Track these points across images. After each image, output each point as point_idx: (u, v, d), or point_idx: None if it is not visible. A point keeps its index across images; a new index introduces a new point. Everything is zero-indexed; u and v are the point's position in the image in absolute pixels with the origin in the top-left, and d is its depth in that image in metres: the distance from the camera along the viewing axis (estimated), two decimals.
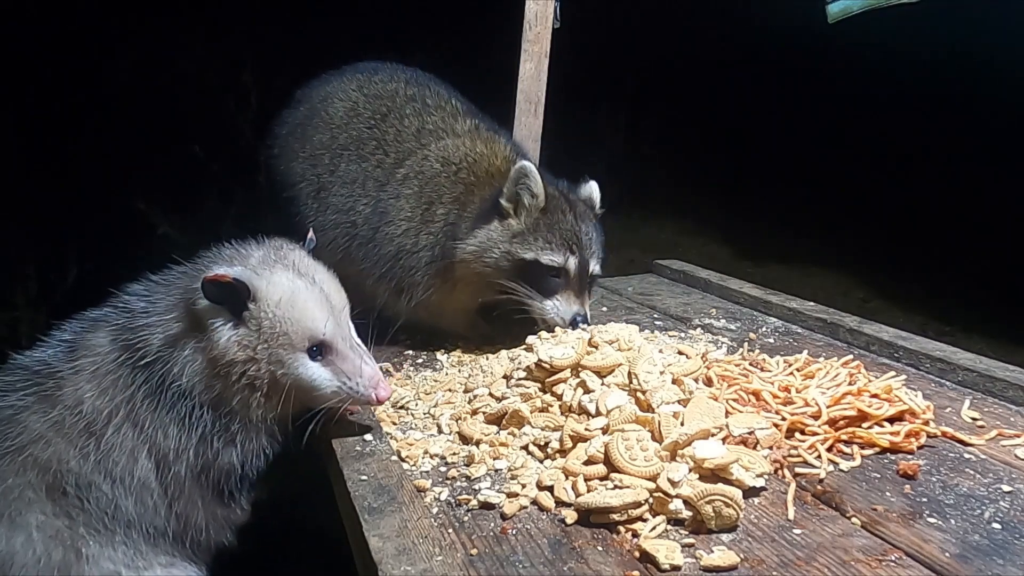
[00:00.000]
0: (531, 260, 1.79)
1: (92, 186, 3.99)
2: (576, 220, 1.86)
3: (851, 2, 2.49)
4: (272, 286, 1.35)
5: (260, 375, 1.35)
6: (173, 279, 1.44)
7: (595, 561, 1.04)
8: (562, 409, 1.39)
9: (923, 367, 1.72)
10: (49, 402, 1.33)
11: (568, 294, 1.82)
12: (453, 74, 2.35)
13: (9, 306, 3.76)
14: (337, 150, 2.09)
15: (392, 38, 3.62)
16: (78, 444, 1.32)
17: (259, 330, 1.33)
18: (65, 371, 1.36)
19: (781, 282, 3.14)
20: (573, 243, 1.83)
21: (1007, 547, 1.04)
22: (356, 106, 2.13)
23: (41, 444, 1.30)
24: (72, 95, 4.24)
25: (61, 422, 1.32)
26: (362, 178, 2.03)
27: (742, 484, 1.15)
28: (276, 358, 1.35)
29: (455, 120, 2.07)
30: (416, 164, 1.98)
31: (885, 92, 5.35)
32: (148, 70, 4.30)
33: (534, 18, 2.54)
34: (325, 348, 1.39)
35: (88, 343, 1.39)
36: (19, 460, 1.30)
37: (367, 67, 2.25)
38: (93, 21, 4.18)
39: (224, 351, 1.33)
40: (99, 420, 1.33)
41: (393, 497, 1.19)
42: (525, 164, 1.80)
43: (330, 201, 2.06)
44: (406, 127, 2.05)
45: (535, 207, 1.81)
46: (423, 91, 2.14)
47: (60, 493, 1.30)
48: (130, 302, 1.42)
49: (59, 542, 1.29)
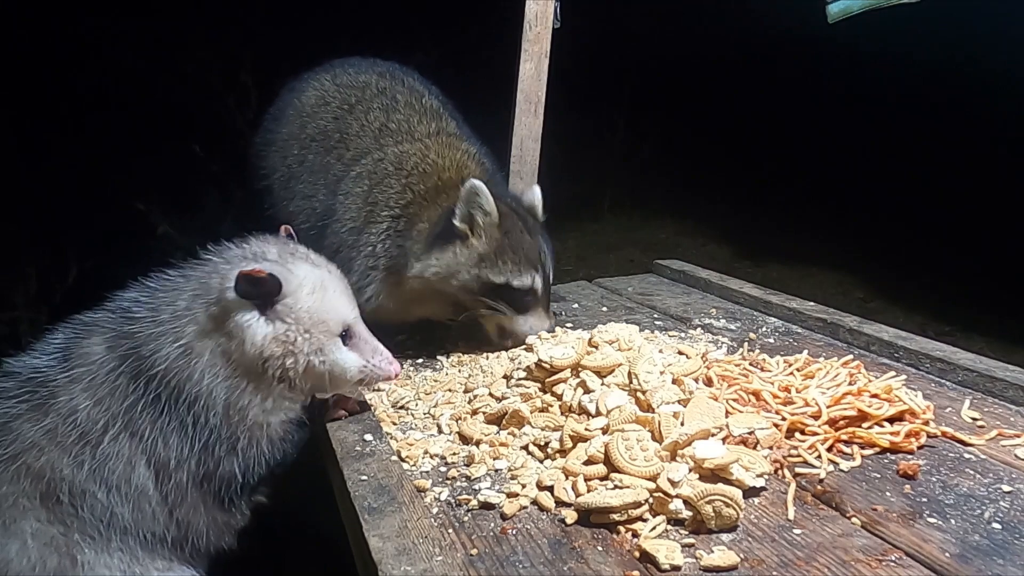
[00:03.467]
0: (503, 284, 1.81)
1: (92, 186, 3.99)
2: (532, 237, 1.88)
3: (851, 2, 2.49)
4: (302, 278, 1.38)
5: (297, 366, 1.37)
6: (177, 282, 1.40)
7: (595, 561, 1.04)
8: (562, 409, 1.39)
9: (923, 367, 1.72)
10: (42, 410, 1.31)
11: (539, 311, 1.85)
12: (453, 74, 2.36)
13: (9, 306, 3.75)
14: (306, 140, 2.11)
15: (392, 38, 3.62)
16: (72, 452, 1.30)
17: (297, 322, 1.35)
18: (59, 379, 1.33)
19: (781, 282, 3.14)
20: (537, 262, 1.85)
21: (1007, 547, 1.04)
22: (326, 95, 2.15)
23: (34, 452, 1.29)
24: (72, 95, 4.24)
25: (54, 430, 1.30)
26: (323, 169, 2.05)
27: (742, 484, 1.15)
28: (317, 346, 1.38)
29: (418, 122, 2.06)
30: (370, 165, 1.99)
31: (885, 92, 5.35)
32: (148, 70, 4.30)
33: (534, 18, 2.53)
34: (351, 332, 1.44)
35: (82, 351, 1.36)
36: (12, 468, 1.28)
37: (347, 60, 2.26)
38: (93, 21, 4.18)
39: (259, 347, 1.33)
40: (95, 430, 1.30)
41: (393, 497, 1.19)
42: (475, 183, 1.79)
43: (297, 189, 2.09)
44: (370, 122, 2.06)
45: (490, 224, 1.82)
46: (396, 85, 2.14)
47: (54, 501, 1.29)
48: (130, 310, 1.38)
49: (54, 549, 1.28)
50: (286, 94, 2.26)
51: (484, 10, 4.18)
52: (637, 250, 5.52)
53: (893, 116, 5.33)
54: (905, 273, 4.71)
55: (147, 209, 4.04)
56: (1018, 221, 4.27)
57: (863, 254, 5.04)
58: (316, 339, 1.37)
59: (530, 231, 1.89)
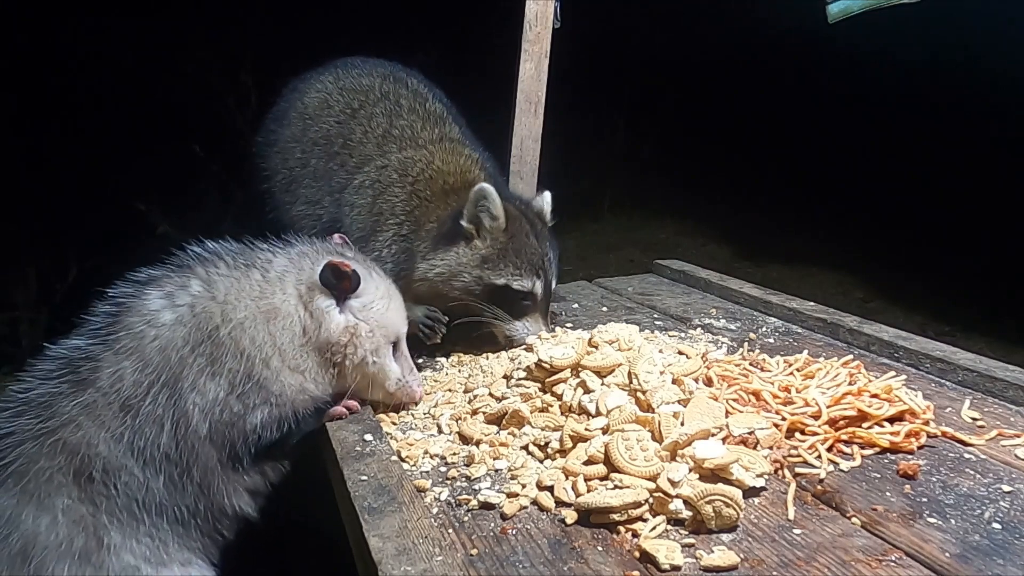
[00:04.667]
0: (502, 286, 1.81)
1: (92, 186, 3.99)
2: (539, 242, 1.88)
3: (851, 2, 2.49)
4: (377, 283, 1.54)
5: (355, 358, 1.48)
6: (267, 255, 1.51)
7: (595, 561, 1.04)
8: (562, 409, 1.39)
9: (923, 367, 1.72)
10: (83, 385, 1.34)
11: (535, 316, 1.86)
12: (453, 74, 2.36)
13: (9, 306, 3.76)
14: (308, 144, 2.11)
15: (392, 38, 3.62)
16: (111, 426, 1.32)
17: (366, 320, 1.49)
18: (109, 339, 1.37)
19: (781, 282, 3.14)
20: (539, 268, 1.85)
21: (1007, 547, 1.04)
22: (329, 99, 2.14)
23: (72, 428, 1.31)
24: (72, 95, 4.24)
25: (94, 404, 1.33)
26: (327, 175, 2.05)
27: (742, 484, 1.15)
28: (375, 346, 1.50)
29: (422, 128, 2.07)
30: (374, 172, 1.99)
31: (885, 92, 5.35)
32: (148, 70, 4.30)
33: (534, 18, 2.53)
34: (399, 345, 1.57)
35: (139, 304, 1.40)
36: (48, 443, 1.30)
37: (349, 61, 2.26)
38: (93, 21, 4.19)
39: (333, 332, 1.46)
40: (137, 393, 1.33)
41: (393, 497, 1.19)
42: (484, 187, 1.80)
43: (299, 193, 2.09)
44: (373, 128, 2.06)
45: (497, 228, 1.82)
46: (399, 89, 2.14)
47: (87, 478, 1.30)
48: (206, 270, 1.46)
49: (82, 528, 1.29)
50: (289, 94, 2.25)
51: (484, 10, 4.18)
52: (637, 250, 5.52)
53: (893, 116, 5.32)
54: (905, 273, 4.71)
55: (147, 209, 4.04)
56: (1018, 221, 4.27)
57: (863, 254, 5.04)
58: (376, 340, 1.50)
59: (537, 236, 1.89)
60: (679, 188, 6.42)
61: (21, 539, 1.25)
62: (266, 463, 1.48)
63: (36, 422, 1.31)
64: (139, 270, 1.46)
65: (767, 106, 6.05)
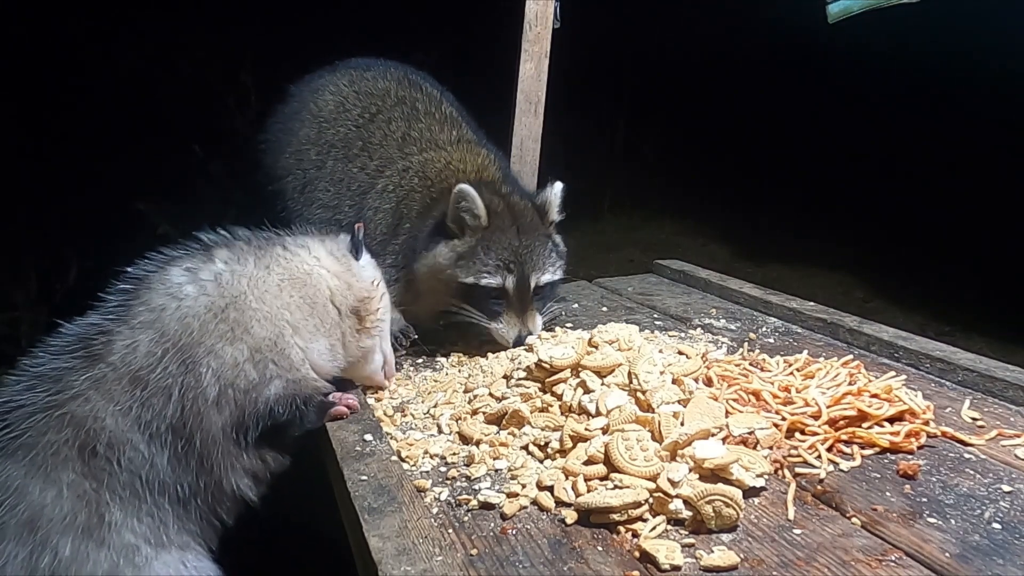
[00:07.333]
0: (471, 284, 1.81)
1: (92, 186, 3.99)
2: (517, 236, 1.85)
3: (851, 2, 2.49)
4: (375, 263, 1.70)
5: (374, 317, 1.60)
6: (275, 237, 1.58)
7: (595, 561, 1.04)
8: (562, 409, 1.39)
9: (923, 367, 1.72)
10: (94, 360, 1.34)
11: (510, 315, 1.83)
12: (453, 74, 2.36)
13: (9, 306, 3.76)
14: (325, 146, 2.11)
15: (392, 38, 3.62)
16: (119, 400, 1.32)
17: (385, 292, 1.65)
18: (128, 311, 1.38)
19: (781, 282, 3.14)
20: (510, 262, 1.82)
21: (1007, 547, 1.04)
22: (345, 102, 2.15)
23: (80, 401, 1.31)
24: (72, 96, 4.24)
25: (104, 378, 1.33)
26: (347, 179, 2.06)
27: (742, 484, 1.15)
28: (383, 317, 1.63)
29: (440, 130, 2.08)
30: (396, 176, 2.00)
31: (885, 92, 5.35)
32: (148, 70, 4.31)
33: (534, 18, 2.53)
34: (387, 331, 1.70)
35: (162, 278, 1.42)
36: (56, 415, 1.30)
37: (360, 63, 2.26)
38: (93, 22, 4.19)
39: (361, 286, 1.58)
40: (150, 363, 1.34)
41: (393, 497, 1.19)
42: (462, 187, 1.80)
43: (316, 196, 2.09)
44: (392, 131, 2.07)
45: (479, 227, 1.82)
46: (414, 93, 2.15)
47: (91, 452, 1.30)
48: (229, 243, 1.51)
49: (85, 504, 1.29)
50: (300, 95, 2.24)
51: (484, 10, 4.18)
52: (637, 250, 5.53)
53: (893, 116, 5.32)
54: (905, 273, 4.71)
55: (147, 209, 4.04)
56: (1018, 221, 4.27)
57: (863, 254, 5.05)
58: (384, 312, 1.64)
59: (520, 230, 1.87)
60: (679, 188, 6.42)
61: (28, 510, 1.26)
62: (267, 451, 1.47)
63: (46, 395, 1.32)
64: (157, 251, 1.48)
65: (767, 106, 6.04)
